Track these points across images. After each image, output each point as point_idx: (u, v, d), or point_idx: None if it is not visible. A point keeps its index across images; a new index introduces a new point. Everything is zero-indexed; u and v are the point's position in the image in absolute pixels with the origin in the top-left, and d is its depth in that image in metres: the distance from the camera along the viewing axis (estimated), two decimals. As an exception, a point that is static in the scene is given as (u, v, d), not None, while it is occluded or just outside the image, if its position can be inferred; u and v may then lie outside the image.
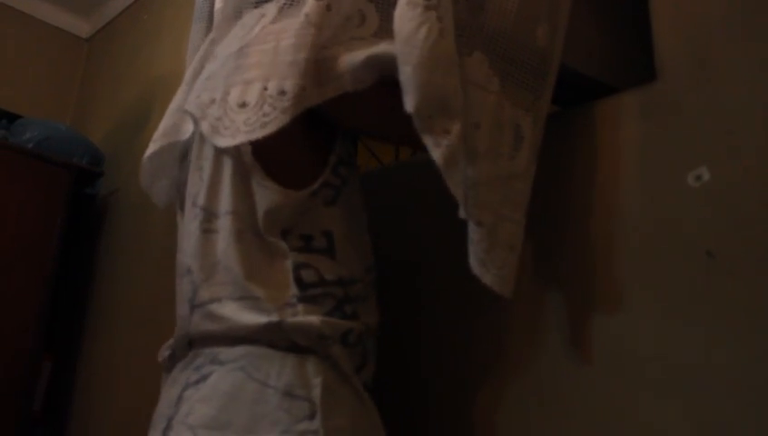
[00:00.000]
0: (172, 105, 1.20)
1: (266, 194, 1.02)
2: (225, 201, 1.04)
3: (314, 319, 1.00)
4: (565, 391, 1.11)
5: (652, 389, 1.02)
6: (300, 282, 1.02)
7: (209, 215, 1.04)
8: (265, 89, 0.96)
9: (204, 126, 1.00)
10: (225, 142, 0.98)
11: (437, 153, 0.92)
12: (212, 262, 1.03)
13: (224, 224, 1.03)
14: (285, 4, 1.05)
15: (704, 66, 1.09)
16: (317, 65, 0.99)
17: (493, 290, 1.00)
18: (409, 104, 0.92)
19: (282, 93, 0.96)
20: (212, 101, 1.01)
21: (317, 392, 0.97)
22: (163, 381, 1.13)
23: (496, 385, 1.21)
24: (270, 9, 1.06)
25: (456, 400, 1.26)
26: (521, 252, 1.04)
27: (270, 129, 0.94)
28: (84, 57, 3.54)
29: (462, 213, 0.97)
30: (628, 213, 1.11)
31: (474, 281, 1.00)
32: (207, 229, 1.04)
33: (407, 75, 0.93)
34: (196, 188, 1.09)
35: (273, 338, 0.99)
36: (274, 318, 0.98)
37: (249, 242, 1.02)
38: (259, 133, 0.95)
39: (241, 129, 0.96)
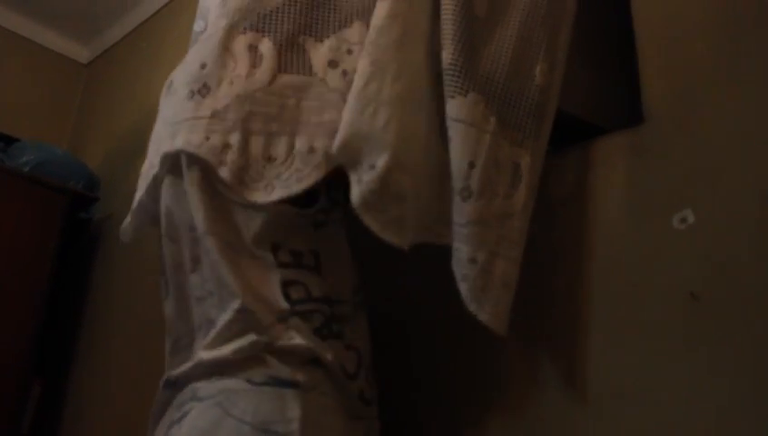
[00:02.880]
0: (153, 139, 1.16)
1: (254, 211, 1.03)
2: (214, 219, 1.03)
3: (303, 342, 1.01)
4: (554, 430, 1.13)
5: (636, 429, 1.03)
6: (287, 298, 1.03)
7: (204, 235, 1.04)
8: (293, 145, 1.01)
9: (224, 172, 1.00)
10: (260, 197, 0.99)
11: (355, 191, 0.99)
12: (217, 278, 1.03)
13: (216, 241, 1.02)
14: (282, 46, 1.06)
15: (691, 110, 1.12)
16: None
17: (488, 328, 1.02)
18: (334, 145, 0.99)
19: (312, 150, 1.01)
20: (226, 146, 1.01)
21: (295, 427, 0.96)
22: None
23: (491, 423, 1.22)
24: (266, 49, 1.06)
25: None
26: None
27: (306, 184, 1.00)
28: (83, 83, 3.57)
29: (400, 243, 1.01)
30: (613, 254, 1.14)
31: (468, 319, 1.02)
32: (207, 249, 1.04)
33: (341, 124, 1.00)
34: (189, 212, 1.07)
35: (250, 373, 0.99)
36: (264, 338, 0.99)
37: (237, 256, 1.03)
38: (296, 188, 0.99)
39: (275, 185, 0.99)
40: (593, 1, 1.27)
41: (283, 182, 0.99)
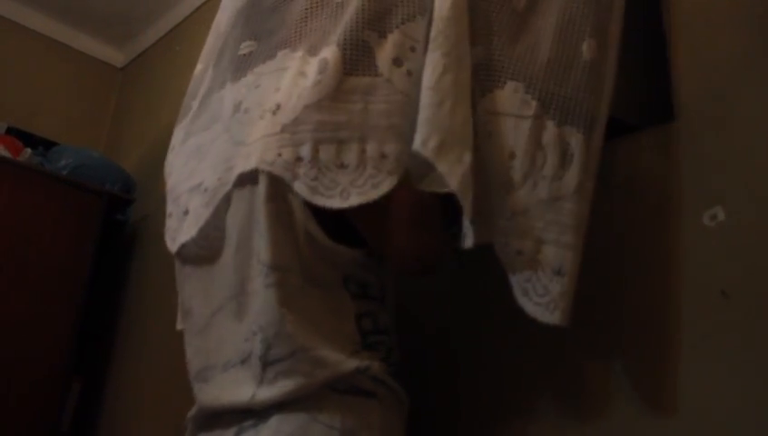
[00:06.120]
0: (215, 158, 1.12)
1: (327, 250, 1.02)
2: (282, 254, 1.01)
3: (377, 365, 1.03)
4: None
5: (664, 428, 1.03)
6: (360, 330, 1.04)
7: (268, 270, 1.01)
8: (363, 151, 0.98)
9: (299, 187, 0.97)
10: (336, 203, 0.96)
11: (453, 181, 0.95)
12: (279, 316, 1.00)
13: (284, 279, 1.01)
14: (346, 46, 1.02)
15: (722, 108, 1.12)
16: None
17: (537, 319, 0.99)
18: (416, 141, 0.95)
19: (384, 156, 0.99)
20: (299, 159, 0.98)
21: (377, 435, 1.00)
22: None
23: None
24: (330, 53, 1.02)
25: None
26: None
27: (382, 190, 0.97)
28: (118, 86, 3.62)
29: (467, 242, 0.97)
30: (643, 252, 1.13)
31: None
32: (269, 284, 1.01)
33: (419, 117, 0.97)
34: (257, 241, 1.03)
35: (333, 382, 1.00)
36: (351, 366, 1.00)
37: (310, 295, 1.02)
38: (373, 194, 0.96)
39: (350, 190, 0.96)
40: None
41: (359, 188, 0.97)
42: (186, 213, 1.15)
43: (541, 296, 0.99)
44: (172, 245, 1.18)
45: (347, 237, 1.03)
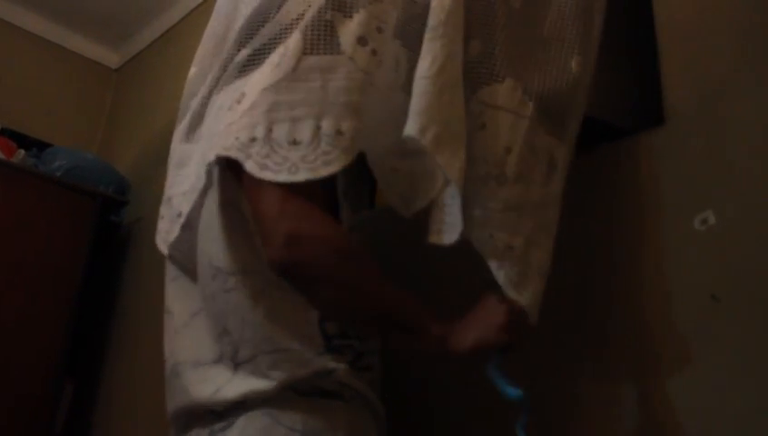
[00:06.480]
0: (200, 158, 1.11)
1: None
2: (239, 259, 1.02)
3: (342, 366, 1.02)
4: None
5: (655, 431, 1.03)
6: (324, 334, 1.03)
7: (226, 276, 1.02)
8: (319, 127, 0.95)
9: (250, 165, 0.94)
10: (282, 177, 0.93)
11: (453, 174, 0.95)
12: (240, 320, 1.01)
13: (242, 283, 1.01)
14: (307, 26, 1.01)
15: (712, 111, 1.12)
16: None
17: (526, 313, 0.99)
18: (412, 127, 0.94)
19: (340, 132, 0.95)
20: (253, 139, 0.95)
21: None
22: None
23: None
24: (291, 35, 1.01)
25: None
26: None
27: (334, 167, 0.94)
28: (113, 87, 3.61)
29: (451, 238, 0.98)
30: (633, 256, 1.14)
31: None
32: (228, 289, 1.02)
33: (413, 103, 0.96)
34: (210, 246, 1.05)
35: (296, 384, 1.00)
36: (313, 368, 1.00)
37: (271, 298, 1.02)
38: (323, 172, 0.93)
39: (299, 166, 0.93)
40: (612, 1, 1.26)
41: (309, 164, 0.93)
42: (180, 215, 1.15)
43: (533, 293, 1.00)
44: (164, 248, 1.19)
45: None
